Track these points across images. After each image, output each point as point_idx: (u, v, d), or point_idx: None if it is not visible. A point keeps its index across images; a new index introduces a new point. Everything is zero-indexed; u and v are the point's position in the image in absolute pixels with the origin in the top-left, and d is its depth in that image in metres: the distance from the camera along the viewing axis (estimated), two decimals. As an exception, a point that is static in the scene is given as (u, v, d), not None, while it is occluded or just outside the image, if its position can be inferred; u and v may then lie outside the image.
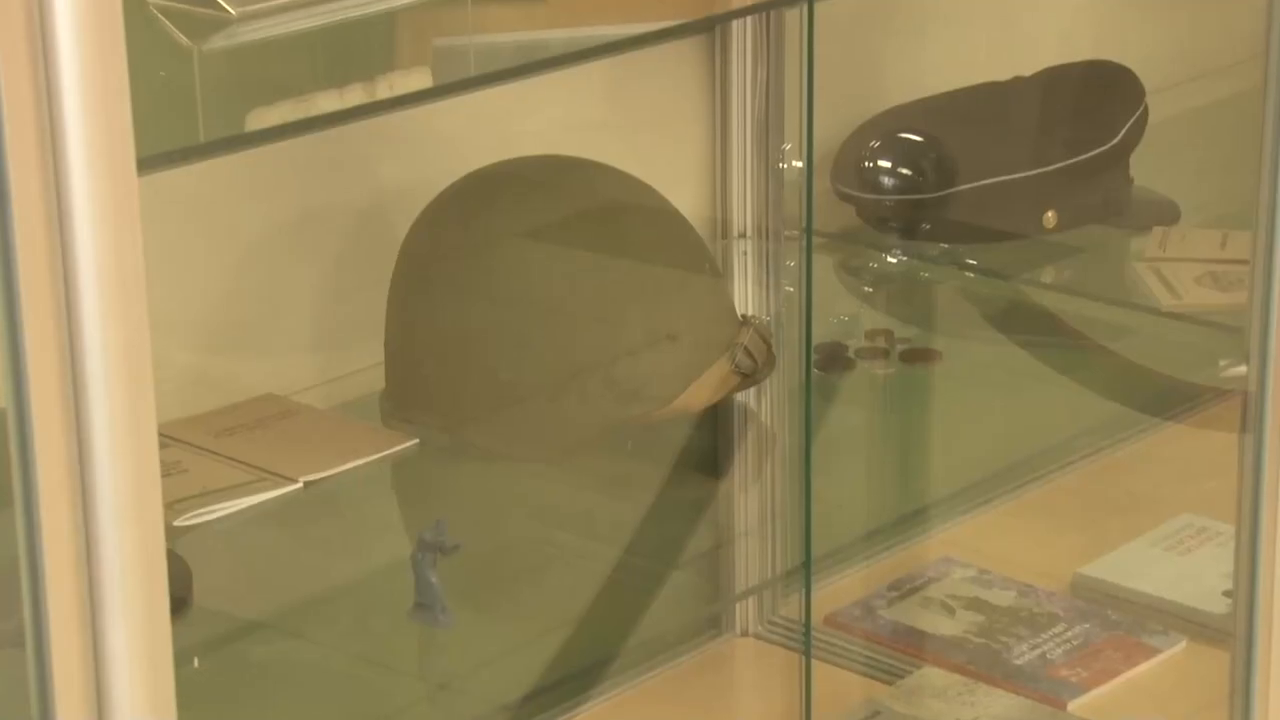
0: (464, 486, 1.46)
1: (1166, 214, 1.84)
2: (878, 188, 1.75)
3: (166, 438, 1.37)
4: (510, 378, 1.42)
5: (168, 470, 1.36)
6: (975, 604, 1.69)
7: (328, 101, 1.16)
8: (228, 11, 1.18)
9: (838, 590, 1.69)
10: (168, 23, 1.18)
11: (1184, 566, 1.72)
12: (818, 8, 1.33)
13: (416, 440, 1.44)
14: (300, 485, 1.39)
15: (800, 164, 1.71)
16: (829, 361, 1.66)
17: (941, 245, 1.78)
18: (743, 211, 1.76)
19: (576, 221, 1.46)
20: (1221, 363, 1.61)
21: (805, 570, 1.43)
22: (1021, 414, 1.68)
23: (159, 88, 1.13)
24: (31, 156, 0.86)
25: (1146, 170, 1.83)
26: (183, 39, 1.18)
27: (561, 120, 1.63)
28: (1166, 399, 1.72)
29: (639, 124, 1.70)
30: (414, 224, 1.47)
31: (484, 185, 1.47)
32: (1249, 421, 1.36)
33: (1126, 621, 1.68)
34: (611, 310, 1.43)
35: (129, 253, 0.89)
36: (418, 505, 1.48)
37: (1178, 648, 1.66)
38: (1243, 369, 1.39)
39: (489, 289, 1.43)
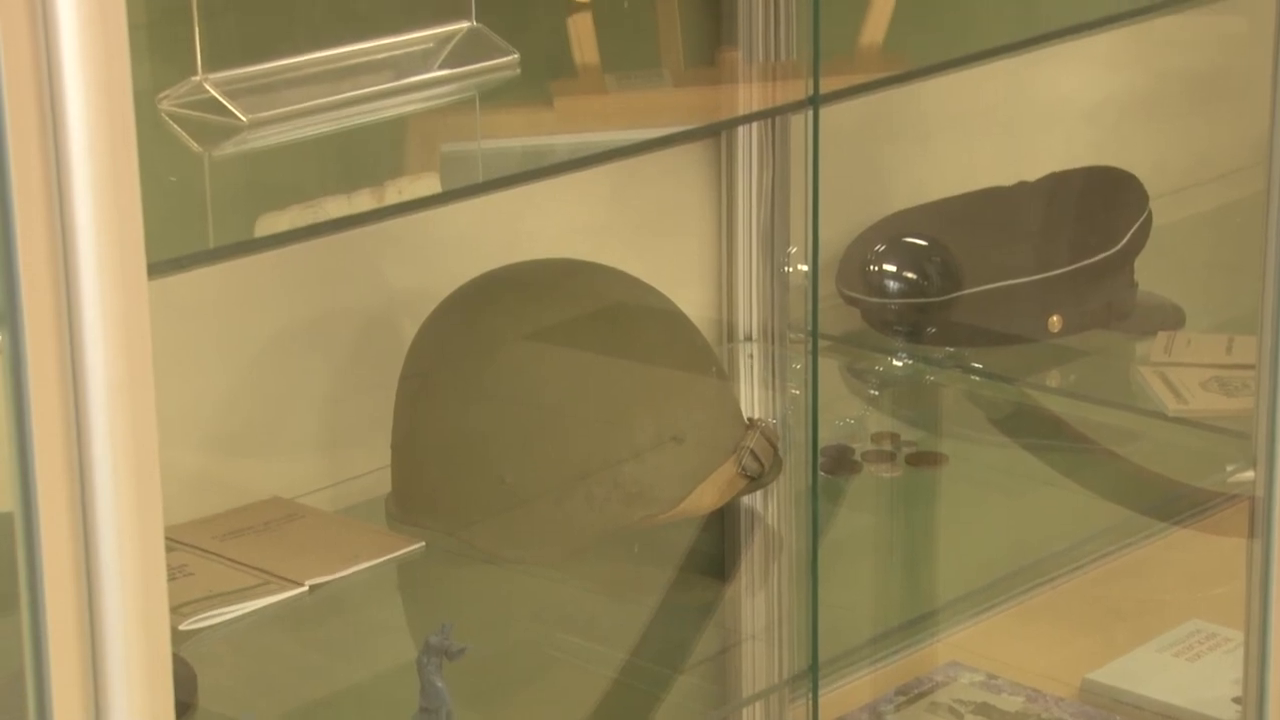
0: (470, 589, 1.46)
1: (1171, 319, 1.84)
2: (883, 291, 1.76)
3: (173, 541, 1.37)
4: (516, 480, 1.42)
5: (174, 573, 1.36)
6: (983, 709, 1.68)
7: (336, 206, 1.17)
8: (239, 118, 1.19)
9: (845, 695, 1.69)
10: (180, 129, 1.19)
11: (1192, 672, 1.72)
12: (823, 113, 1.34)
13: (422, 543, 1.44)
14: (306, 588, 1.39)
15: (806, 267, 1.71)
16: (835, 464, 1.66)
17: (947, 349, 1.78)
18: (748, 314, 1.76)
19: (582, 324, 1.47)
20: (1228, 468, 1.61)
21: (812, 675, 1.43)
22: (1028, 518, 1.67)
23: (170, 192, 1.14)
24: (43, 260, 0.86)
25: (1151, 275, 1.84)
26: (194, 145, 1.19)
27: (568, 223, 1.64)
28: (1174, 504, 1.71)
29: (645, 227, 1.71)
30: (421, 327, 1.47)
31: (491, 288, 1.47)
32: (1256, 527, 1.36)
33: (1135, 727, 1.67)
34: (617, 413, 1.43)
35: (139, 357, 0.89)
36: (423, 608, 1.48)
37: (1187, 754, 1.65)
38: (1250, 474, 1.39)
39: (495, 391, 1.43)
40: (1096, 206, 1.82)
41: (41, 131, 0.85)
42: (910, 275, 1.76)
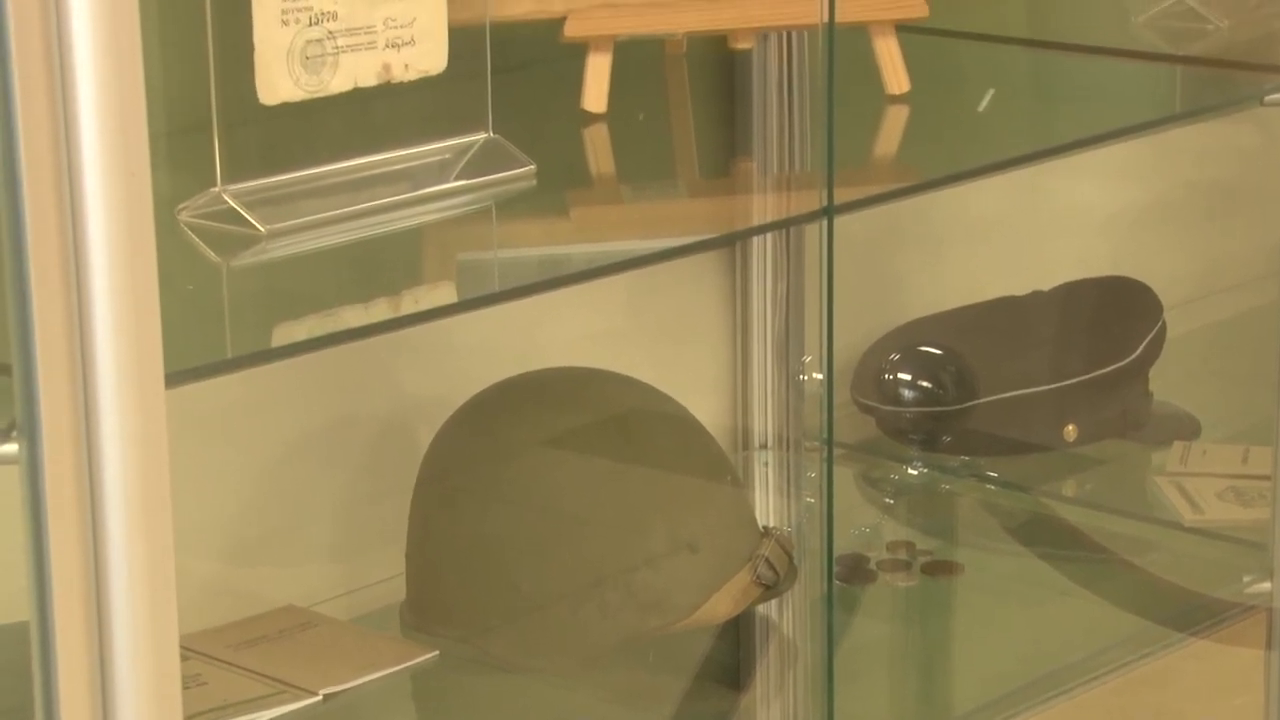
0: (485, 698, 1.46)
1: (1187, 429, 1.84)
2: (898, 400, 1.76)
3: (187, 650, 1.37)
4: (530, 588, 1.42)
5: (188, 683, 1.36)
6: (1000, 820, 1.67)
7: (353, 315, 1.18)
8: (258, 229, 1.20)
9: (861, 805, 1.67)
10: (198, 240, 1.20)
11: (1211, 783, 1.70)
12: (837, 222, 1.34)
13: (437, 652, 1.44)
14: (320, 698, 1.38)
15: (820, 376, 1.72)
16: (851, 573, 1.65)
17: (962, 457, 1.78)
18: (763, 422, 1.76)
19: (597, 432, 1.47)
20: (1245, 579, 1.61)
21: (828, 785, 1.42)
22: (1045, 628, 1.67)
23: (188, 301, 1.14)
24: (62, 370, 0.87)
25: (1166, 385, 1.84)
26: (213, 255, 1.20)
27: (584, 331, 1.64)
28: (1190, 614, 1.70)
29: (661, 335, 1.71)
30: (437, 434, 1.47)
31: (506, 396, 1.47)
32: (1273, 638, 1.35)
33: (1153, 839, 1.65)
34: (632, 520, 1.43)
35: (155, 467, 0.90)
36: (438, 717, 1.47)
37: None
38: (1267, 585, 1.39)
39: (510, 499, 1.43)
40: (1111, 316, 1.82)
41: (62, 241, 0.85)
42: (925, 384, 1.76)
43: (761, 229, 1.62)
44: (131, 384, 0.88)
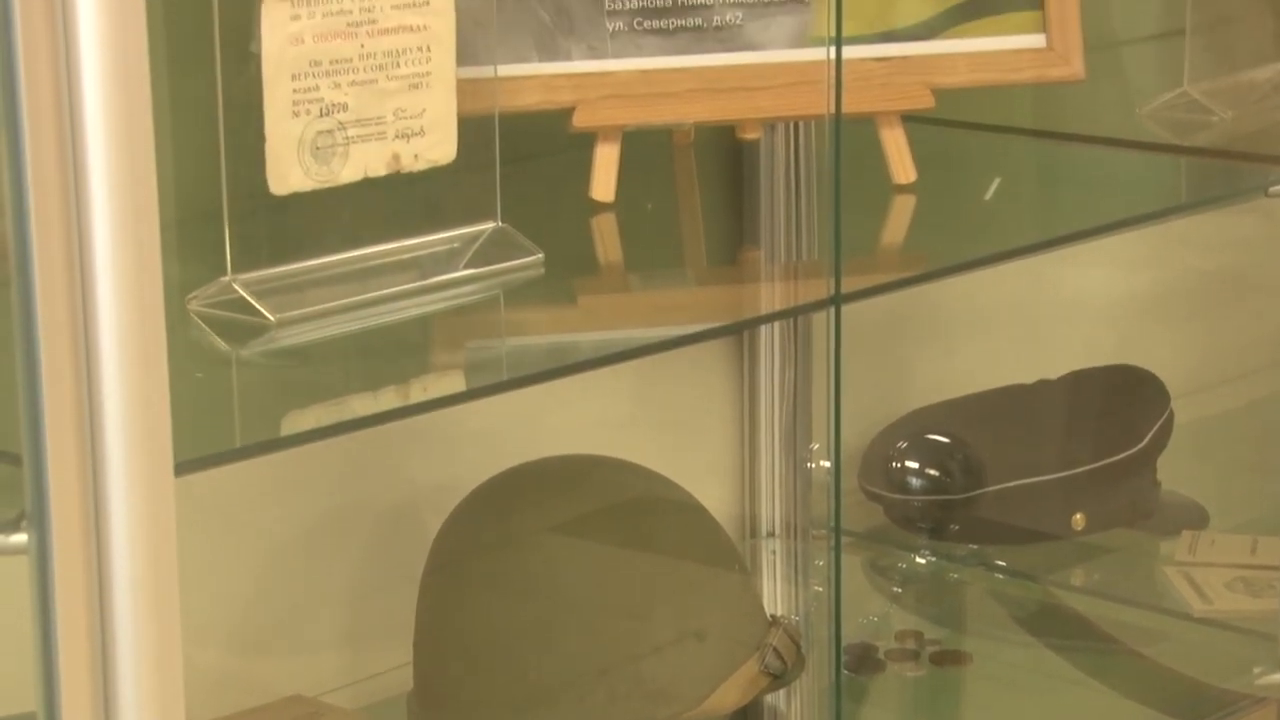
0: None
1: (1195, 518, 1.84)
2: (906, 488, 1.76)
3: (193, 738, 1.36)
4: (538, 677, 1.41)
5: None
6: None
7: (362, 404, 1.18)
8: (267, 318, 1.21)
9: None
10: (208, 329, 1.20)
11: None
12: (845, 310, 1.35)
13: (443, 741, 1.43)
14: (326, 787, 1.38)
15: (828, 463, 1.72)
16: (859, 663, 1.65)
17: (970, 546, 1.78)
18: (771, 510, 1.76)
19: (605, 519, 1.47)
20: (1255, 670, 1.60)
21: None
22: (1054, 718, 1.66)
23: (197, 390, 1.15)
24: (72, 460, 0.87)
25: (1174, 474, 1.84)
26: (222, 344, 1.20)
27: (592, 419, 1.64)
28: (1200, 706, 1.70)
29: (668, 422, 1.71)
30: (445, 522, 1.47)
31: (514, 483, 1.47)
32: (1284, 729, 1.35)
33: None
34: (639, 609, 1.43)
35: (164, 556, 0.90)
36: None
37: None
38: (1276, 677, 1.38)
39: (517, 587, 1.43)
40: (1118, 405, 1.82)
41: (73, 330, 0.86)
42: (933, 472, 1.76)
43: (769, 318, 1.63)
44: (141, 474, 0.88)
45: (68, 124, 0.86)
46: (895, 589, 1.80)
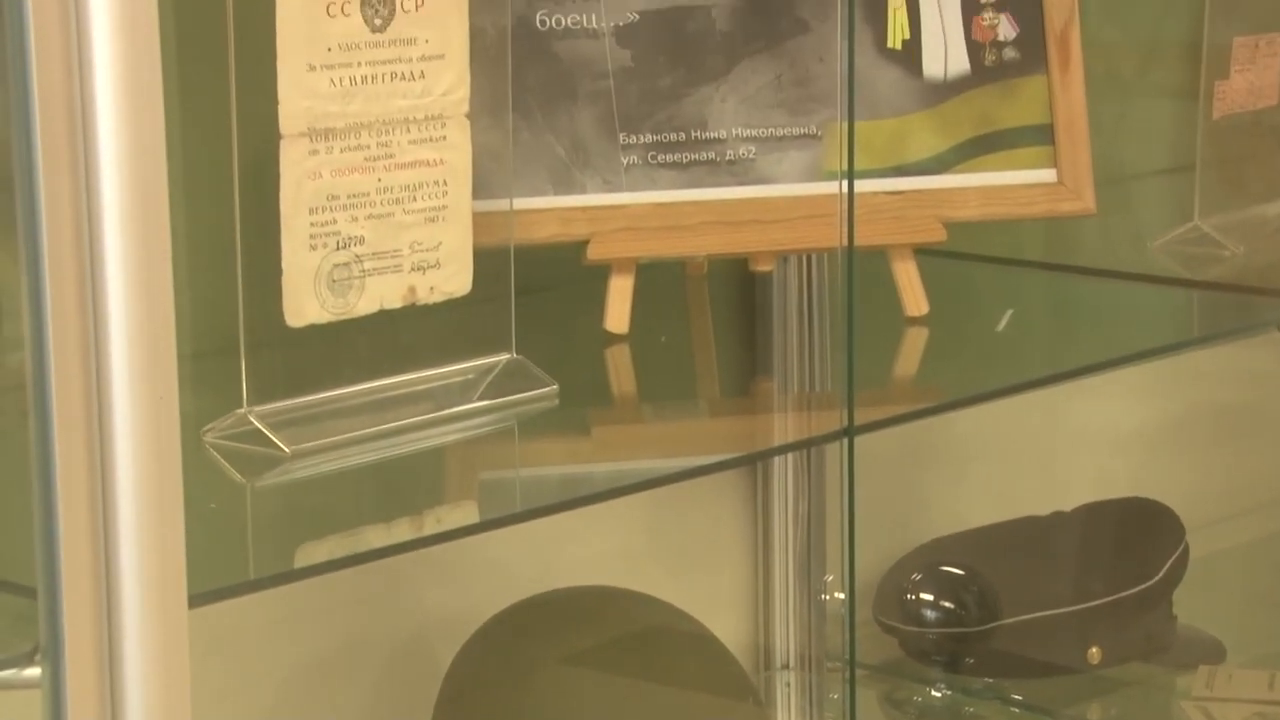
0: None
1: (1212, 652, 1.83)
2: (920, 620, 1.75)
3: None
4: (550, 811, 1.41)
5: None
6: None
7: (375, 535, 1.18)
8: (282, 449, 1.21)
9: None
10: (223, 460, 1.21)
11: None
12: (858, 440, 1.35)
13: None
14: None
15: (842, 595, 1.71)
16: (873, 797, 1.64)
17: (986, 679, 1.77)
18: (785, 642, 1.75)
19: (619, 651, 1.46)
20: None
21: None
22: None
23: (211, 521, 1.15)
24: (86, 594, 0.87)
25: (1190, 607, 1.83)
26: (237, 476, 1.21)
27: (605, 550, 1.64)
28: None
29: (682, 553, 1.71)
30: (458, 654, 1.47)
31: (527, 615, 1.47)
32: None
33: None
34: (653, 741, 1.43)
35: (177, 689, 0.90)
36: None
37: None
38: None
39: (531, 718, 1.42)
40: (1133, 538, 1.82)
41: (89, 463, 0.86)
42: (948, 604, 1.75)
43: (782, 449, 1.63)
44: (155, 607, 0.88)
45: (88, 259, 0.87)
46: (910, 722, 1.79)
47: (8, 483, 1.07)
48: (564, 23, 1.45)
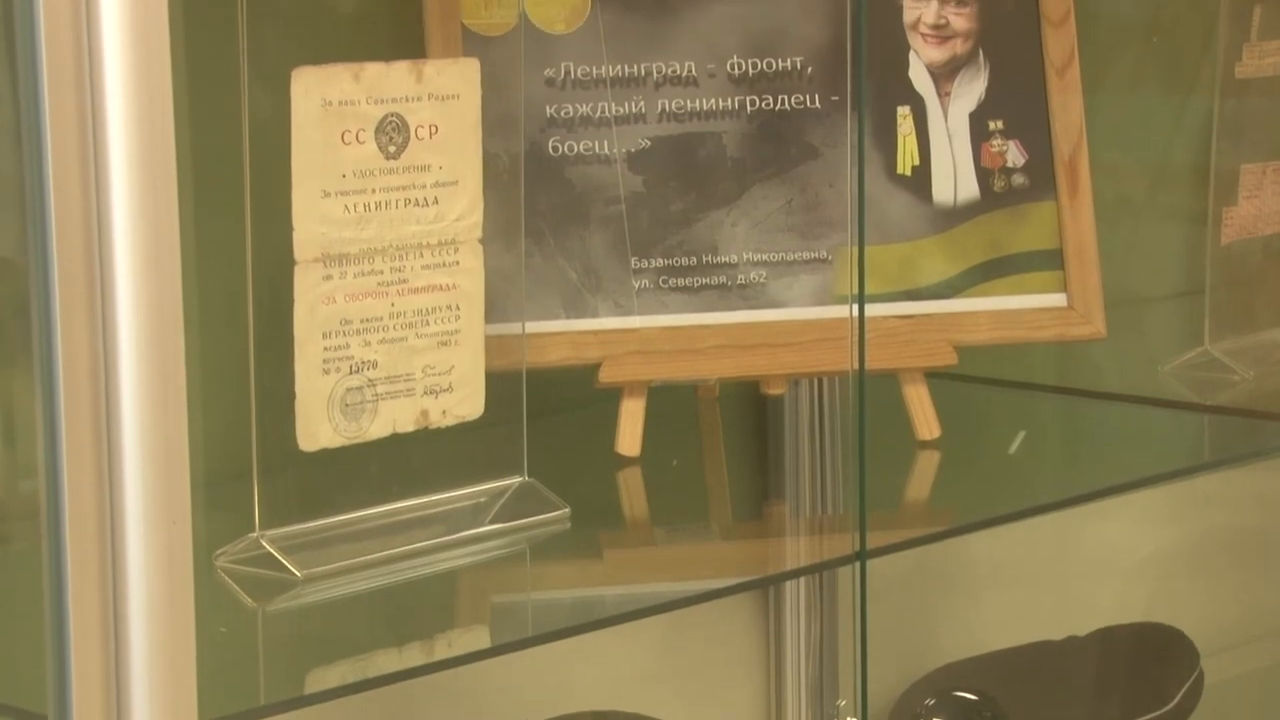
0: None
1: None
2: (934, 745, 1.74)
3: None
4: None
5: None
6: None
7: (387, 660, 1.18)
8: (294, 574, 1.21)
9: None
10: (235, 585, 1.21)
11: None
12: (870, 565, 1.35)
13: None
14: None
15: None
16: None
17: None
18: (798, 766, 1.75)
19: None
20: None
21: None
22: None
23: (222, 646, 1.15)
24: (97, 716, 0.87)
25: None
26: (248, 600, 1.21)
27: (617, 673, 1.64)
28: None
29: (694, 677, 1.70)
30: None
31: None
32: None
33: None
34: None
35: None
36: None
37: None
38: None
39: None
40: (1147, 663, 1.81)
41: (102, 590, 0.86)
42: (961, 729, 1.74)
43: (794, 573, 1.62)
44: (165, 733, 0.88)
45: (102, 383, 0.87)
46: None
47: (21, 608, 1.08)
48: (576, 149, 1.46)
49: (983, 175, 1.54)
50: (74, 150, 0.87)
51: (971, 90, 1.54)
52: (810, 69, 1.50)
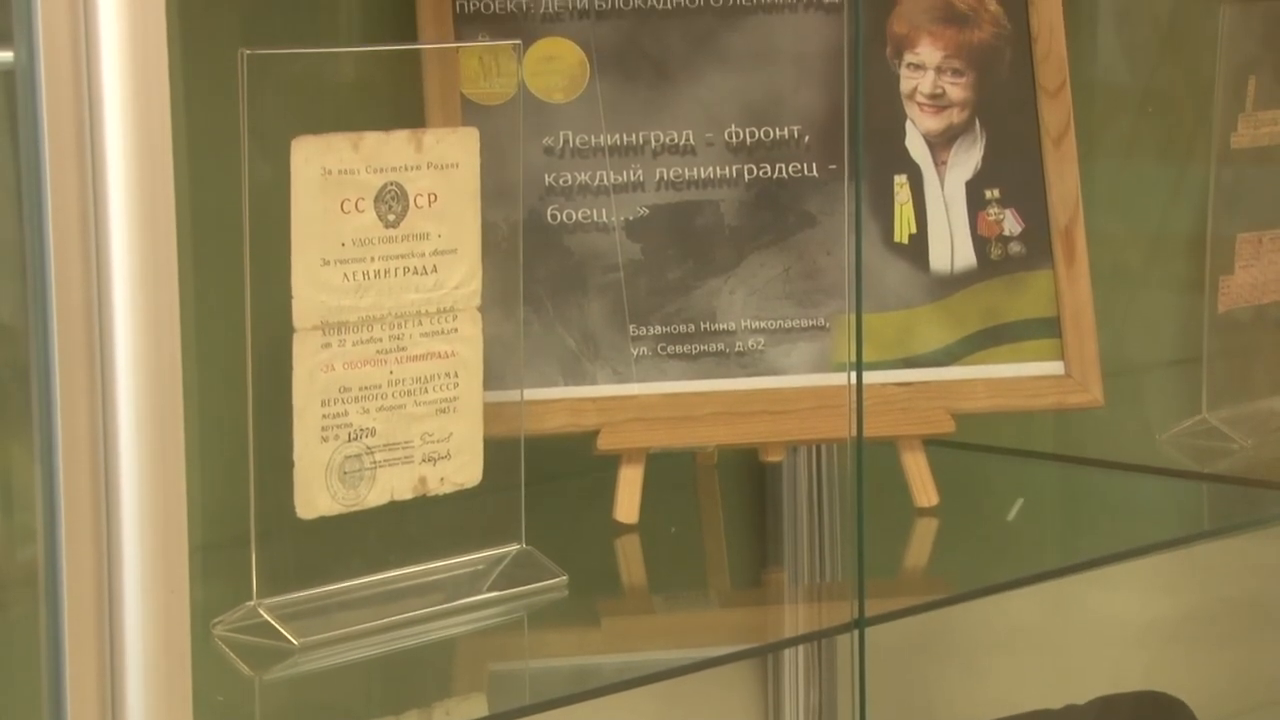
0: None
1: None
2: (932, 814, 1.74)
3: None
4: None
5: None
6: None
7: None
8: (291, 641, 1.21)
9: None
10: (232, 653, 1.20)
11: None
12: (869, 633, 1.35)
13: None
14: None
15: (854, 787, 1.70)
16: None
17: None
18: (796, 835, 1.74)
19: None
20: None
21: None
22: None
23: (219, 714, 1.14)
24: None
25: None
26: (245, 669, 1.21)
27: (614, 742, 1.63)
28: None
29: (692, 745, 1.70)
30: None
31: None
32: None
33: None
34: None
35: None
36: None
37: None
38: None
39: None
40: (1146, 732, 1.81)
41: (99, 662, 0.86)
42: (959, 798, 1.74)
43: (793, 641, 1.62)
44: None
45: (100, 450, 0.88)
46: None
47: (18, 675, 1.07)
48: (575, 217, 1.46)
49: (979, 244, 1.54)
50: (75, 216, 0.88)
51: (968, 159, 1.54)
52: (808, 138, 1.50)
